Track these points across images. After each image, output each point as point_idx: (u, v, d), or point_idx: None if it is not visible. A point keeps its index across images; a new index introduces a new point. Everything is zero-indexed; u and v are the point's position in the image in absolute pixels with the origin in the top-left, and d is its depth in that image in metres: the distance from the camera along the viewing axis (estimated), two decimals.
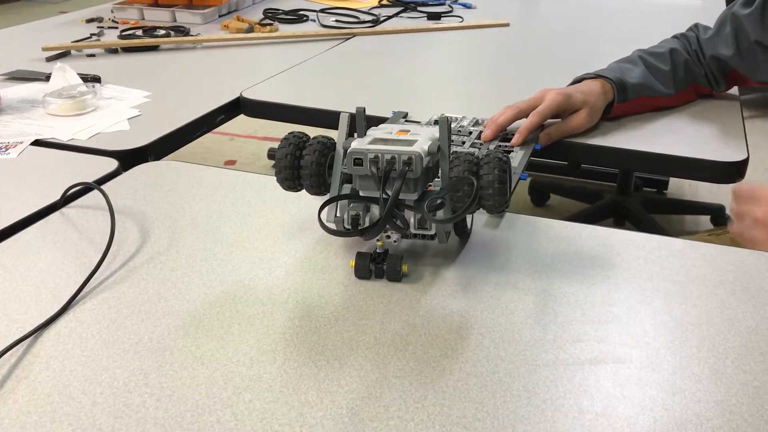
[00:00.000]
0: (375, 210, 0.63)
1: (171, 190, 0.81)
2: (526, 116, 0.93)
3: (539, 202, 2.41)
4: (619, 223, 2.18)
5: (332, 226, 0.64)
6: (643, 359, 0.54)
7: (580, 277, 0.64)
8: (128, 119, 1.02)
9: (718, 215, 2.20)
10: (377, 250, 0.63)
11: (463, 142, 0.90)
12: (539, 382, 0.51)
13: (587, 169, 2.48)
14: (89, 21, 1.61)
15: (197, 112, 1.05)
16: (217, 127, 1.09)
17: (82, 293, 0.62)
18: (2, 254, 0.69)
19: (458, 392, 0.50)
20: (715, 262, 0.67)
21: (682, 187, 2.48)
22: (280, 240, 0.71)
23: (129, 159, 0.90)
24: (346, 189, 0.65)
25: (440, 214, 0.62)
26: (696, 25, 1.12)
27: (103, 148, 0.92)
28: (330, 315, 0.59)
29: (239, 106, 1.13)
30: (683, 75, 1.05)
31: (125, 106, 1.07)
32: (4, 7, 5.51)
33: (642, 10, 1.74)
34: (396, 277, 0.63)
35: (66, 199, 0.78)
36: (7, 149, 0.92)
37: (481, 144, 0.90)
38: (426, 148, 0.60)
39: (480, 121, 0.97)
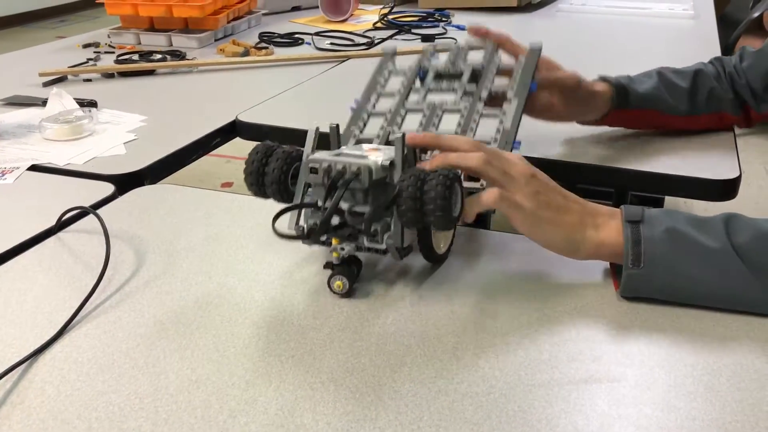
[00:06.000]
0: (334, 220, 0.64)
1: (167, 214, 0.82)
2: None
3: None
4: None
5: (293, 233, 0.66)
6: (638, 378, 0.54)
7: (575, 297, 0.64)
8: (124, 143, 1.02)
9: None
10: (334, 262, 0.65)
11: None
12: (534, 401, 0.52)
13: (582, 188, 2.49)
14: (86, 46, 1.62)
15: (193, 135, 1.06)
16: (213, 150, 1.10)
17: (77, 318, 0.62)
18: None
19: (454, 413, 0.50)
20: None
21: (677, 205, 2.49)
22: (275, 262, 0.71)
23: (125, 183, 0.90)
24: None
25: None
26: (744, 48, 1.03)
27: (100, 172, 0.92)
28: (325, 337, 0.59)
29: (235, 129, 1.14)
30: (705, 98, 0.98)
31: (121, 130, 1.08)
32: (1, 33, 5.55)
33: (635, 29, 1.75)
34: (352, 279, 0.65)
35: (62, 224, 0.78)
36: (3, 175, 0.92)
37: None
38: (380, 162, 0.62)
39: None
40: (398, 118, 0.80)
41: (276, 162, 0.66)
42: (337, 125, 0.70)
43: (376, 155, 0.64)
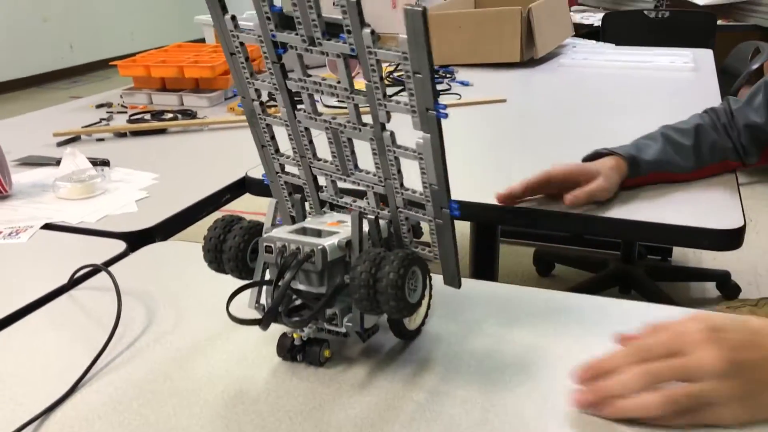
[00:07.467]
0: (296, 300, 0.62)
1: (177, 271, 0.83)
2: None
3: (544, 272, 2.41)
4: (624, 292, 2.17)
5: (254, 312, 0.64)
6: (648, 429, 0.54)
7: (582, 347, 0.64)
8: (136, 201, 1.04)
9: (724, 282, 2.20)
10: (294, 342, 0.63)
11: None
12: None
13: (590, 238, 2.49)
14: (99, 106, 1.66)
15: (204, 192, 1.08)
16: (223, 206, 1.12)
17: (88, 375, 0.62)
18: (10, 338, 0.69)
19: None
20: None
21: (686, 254, 2.49)
22: None
23: (136, 240, 0.92)
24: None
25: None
26: (727, 98, 1.11)
27: (111, 230, 0.94)
28: (334, 392, 0.59)
29: (245, 186, 1.16)
30: (708, 152, 1.03)
31: (133, 188, 1.10)
32: (17, 94, 5.68)
33: (637, 82, 1.78)
34: (316, 361, 0.62)
35: (74, 282, 0.79)
36: (17, 233, 0.94)
37: None
38: (336, 242, 0.59)
39: None
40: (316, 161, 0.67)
41: (234, 239, 0.63)
42: (301, 197, 0.67)
43: (338, 231, 0.61)
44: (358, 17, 0.53)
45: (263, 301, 0.65)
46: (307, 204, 0.68)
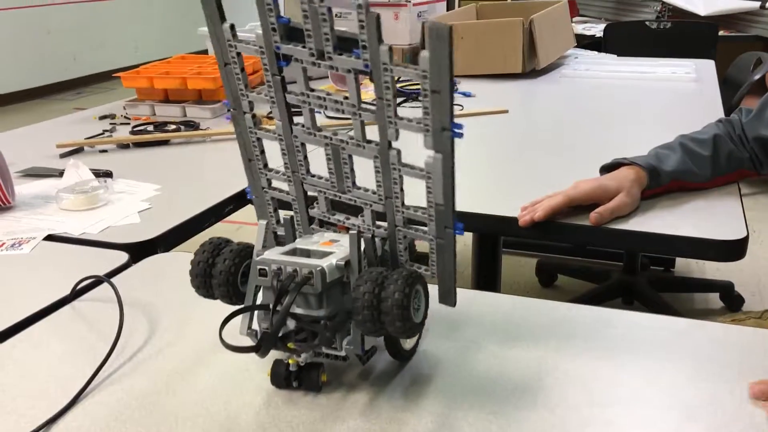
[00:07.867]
0: (290, 324, 0.58)
1: (180, 282, 0.83)
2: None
3: (547, 282, 2.41)
4: (627, 303, 2.17)
5: (246, 338, 0.62)
6: None
7: (586, 360, 0.64)
8: (139, 212, 1.04)
9: (727, 293, 2.19)
10: (290, 368, 0.60)
11: None
12: None
13: (593, 249, 2.49)
14: (102, 118, 1.67)
15: (206, 203, 1.08)
16: (225, 217, 1.12)
17: (90, 387, 0.62)
18: (13, 349, 0.69)
19: None
20: (721, 342, 0.67)
21: (689, 265, 2.48)
22: None
23: (139, 251, 0.92)
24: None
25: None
26: (740, 109, 1.13)
27: (114, 241, 0.94)
28: (334, 405, 0.59)
29: (247, 197, 1.16)
30: (725, 162, 1.05)
31: (136, 199, 1.10)
32: (21, 106, 5.70)
33: (638, 92, 1.79)
34: (314, 387, 0.61)
35: (76, 293, 0.79)
36: (20, 245, 0.94)
37: None
38: (335, 262, 0.57)
39: None
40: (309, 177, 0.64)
41: (224, 262, 0.60)
42: (291, 217, 0.64)
43: (333, 251, 0.59)
44: (377, 33, 0.50)
45: (255, 326, 0.62)
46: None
